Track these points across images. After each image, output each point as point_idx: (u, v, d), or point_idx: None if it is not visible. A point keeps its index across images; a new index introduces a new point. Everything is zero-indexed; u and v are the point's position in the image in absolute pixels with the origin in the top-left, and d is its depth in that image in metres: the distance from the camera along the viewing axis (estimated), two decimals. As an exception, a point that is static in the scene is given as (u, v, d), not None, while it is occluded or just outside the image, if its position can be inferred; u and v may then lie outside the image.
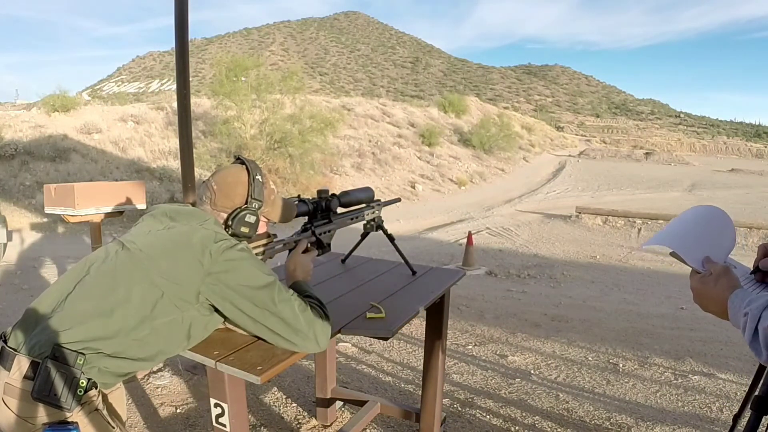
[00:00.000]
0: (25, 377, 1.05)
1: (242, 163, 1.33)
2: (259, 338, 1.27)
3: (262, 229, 1.38)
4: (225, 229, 1.28)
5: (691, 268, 0.89)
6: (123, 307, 1.10)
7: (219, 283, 1.16)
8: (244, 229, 1.28)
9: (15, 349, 1.08)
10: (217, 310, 1.21)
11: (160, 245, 1.18)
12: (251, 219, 1.29)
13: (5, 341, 1.11)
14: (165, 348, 1.17)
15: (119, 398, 1.31)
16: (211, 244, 1.16)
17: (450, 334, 3.65)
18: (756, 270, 0.91)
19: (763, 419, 0.98)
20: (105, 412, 1.14)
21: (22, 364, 1.05)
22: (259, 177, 1.32)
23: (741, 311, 0.76)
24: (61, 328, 1.07)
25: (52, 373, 1.03)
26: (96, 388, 1.11)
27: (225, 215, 1.30)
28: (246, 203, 1.29)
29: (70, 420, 1.06)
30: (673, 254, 0.90)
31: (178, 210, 1.27)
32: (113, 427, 1.15)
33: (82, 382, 1.05)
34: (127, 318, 1.10)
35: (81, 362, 1.06)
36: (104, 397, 1.19)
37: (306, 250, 1.50)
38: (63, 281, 1.18)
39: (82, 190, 2.71)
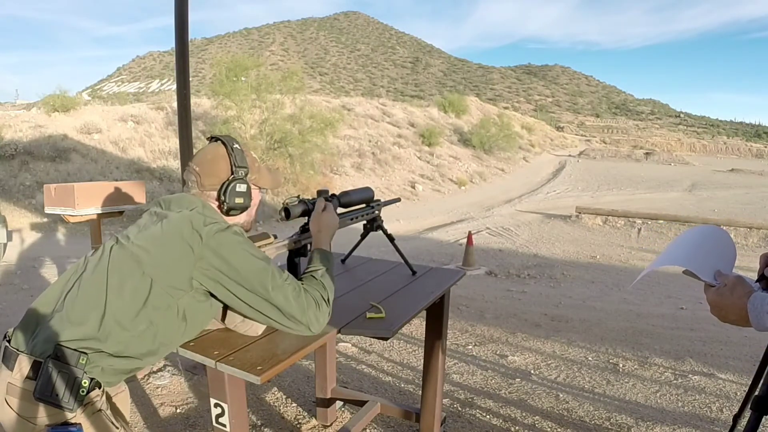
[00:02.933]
0: (27, 377, 1.04)
1: (216, 140, 1.33)
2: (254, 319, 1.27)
3: (256, 198, 1.36)
4: (219, 206, 1.27)
5: (704, 284, 0.94)
6: (117, 301, 1.10)
7: (211, 267, 1.15)
8: (239, 200, 1.28)
9: (17, 349, 1.08)
10: (212, 296, 1.20)
11: (150, 236, 1.17)
12: (242, 188, 1.28)
13: (8, 341, 1.11)
14: (165, 339, 1.17)
15: (123, 400, 1.30)
16: (201, 228, 1.15)
17: (450, 334, 3.65)
18: (761, 278, 0.95)
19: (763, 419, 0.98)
20: (108, 412, 1.14)
21: (24, 364, 1.05)
22: (237, 146, 1.31)
23: (764, 308, 0.78)
24: (61, 327, 1.07)
25: (53, 373, 1.03)
26: (99, 387, 1.11)
27: (215, 193, 1.28)
28: (232, 173, 1.28)
29: (72, 421, 1.06)
30: (686, 272, 0.95)
31: (169, 198, 1.27)
32: (117, 428, 1.14)
33: (84, 382, 1.05)
34: (122, 313, 1.10)
35: (83, 362, 1.05)
36: (108, 398, 1.19)
37: (324, 208, 1.48)
38: (62, 280, 1.19)
39: (82, 190, 2.71)
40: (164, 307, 1.13)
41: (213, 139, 1.35)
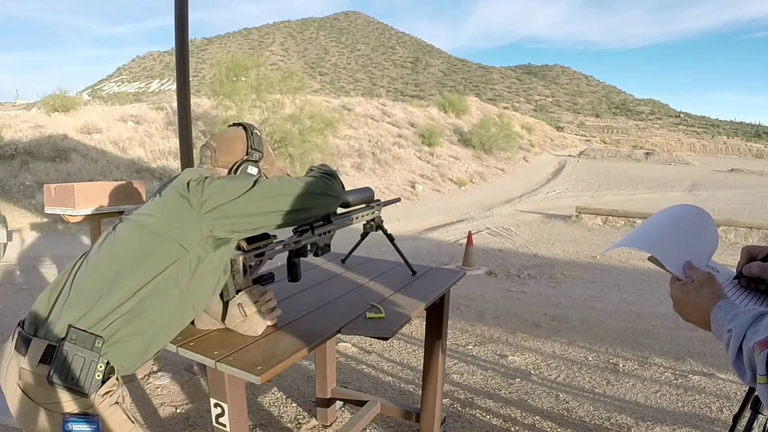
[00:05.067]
0: (41, 361, 1.02)
1: (238, 125, 1.38)
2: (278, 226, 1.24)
3: None
4: None
5: (671, 275, 0.83)
6: (126, 263, 1.09)
7: (216, 209, 1.13)
8: None
9: (31, 333, 1.06)
10: (220, 247, 1.18)
11: (153, 203, 1.20)
12: (253, 170, 1.31)
13: (22, 327, 1.10)
14: (177, 292, 1.13)
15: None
16: (192, 181, 1.16)
17: (450, 334, 3.65)
18: (740, 275, 0.85)
19: (763, 419, 0.98)
20: (125, 405, 1.13)
21: (38, 347, 1.03)
22: (257, 132, 1.35)
23: (725, 327, 0.70)
24: (72, 305, 1.06)
25: (68, 356, 1.01)
26: (114, 374, 1.10)
27: (225, 171, 1.31)
28: (247, 155, 1.31)
29: (91, 412, 1.04)
30: (651, 259, 0.82)
31: (175, 175, 1.28)
32: (133, 422, 1.13)
33: (100, 366, 1.04)
34: (133, 274, 1.08)
35: (99, 345, 1.04)
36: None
37: None
38: (72, 264, 1.18)
39: (82, 190, 2.71)
40: (175, 260, 1.11)
41: (235, 124, 1.39)
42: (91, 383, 1.03)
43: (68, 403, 1.03)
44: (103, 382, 1.06)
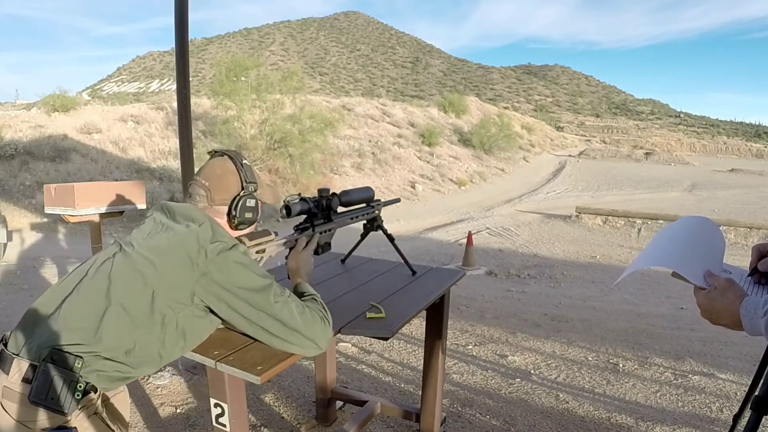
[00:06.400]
0: (24, 380, 1.04)
1: (221, 154, 1.33)
2: (255, 340, 1.26)
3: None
4: (229, 220, 1.28)
5: (693, 286, 0.90)
6: (116, 310, 1.09)
7: (213, 284, 1.14)
8: (248, 215, 1.29)
9: (14, 353, 1.07)
10: (212, 312, 1.19)
11: (155, 247, 1.16)
12: (251, 203, 1.30)
13: (5, 345, 1.11)
14: (162, 352, 1.16)
15: (123, 401, 1.29)
16: (207, 245, 1.14)
17: (450, 334, 3.64)
18: (754, 271, 0.93)
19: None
20: (105, 415, 1.13)
21: (21, 367, 1.05)
22: (245, 161, 1.33)
23: (759, 314, 0.78)
24: (58, 331, 1.07)
25: (50, 376, 1.03)
26: (95, 392, 1.11)
27: (225, 208, 1.29)
28: (242, 189, 1.30)
29: (69, 426, 1.05)
30: (674, 275, 0.91)
31: (174, 208, 1.24)
32: (113, 431, 1.14)
33: (80, 386, 1.05)
34: (120, 322, 1.09)
35: (79, 366, 1.05)
36: (105, 400, 1.18)
37: (305, 246, 1.51)
38: (62, 283, 1.18)
39: (82, 190, 2.71)
40: (163, 321, 1.12)
41: (217, 153, 1.34)
42: (70, 403, 1.05)
43: (48, 420, 1.05)
44: (84, 395, 1.07)
